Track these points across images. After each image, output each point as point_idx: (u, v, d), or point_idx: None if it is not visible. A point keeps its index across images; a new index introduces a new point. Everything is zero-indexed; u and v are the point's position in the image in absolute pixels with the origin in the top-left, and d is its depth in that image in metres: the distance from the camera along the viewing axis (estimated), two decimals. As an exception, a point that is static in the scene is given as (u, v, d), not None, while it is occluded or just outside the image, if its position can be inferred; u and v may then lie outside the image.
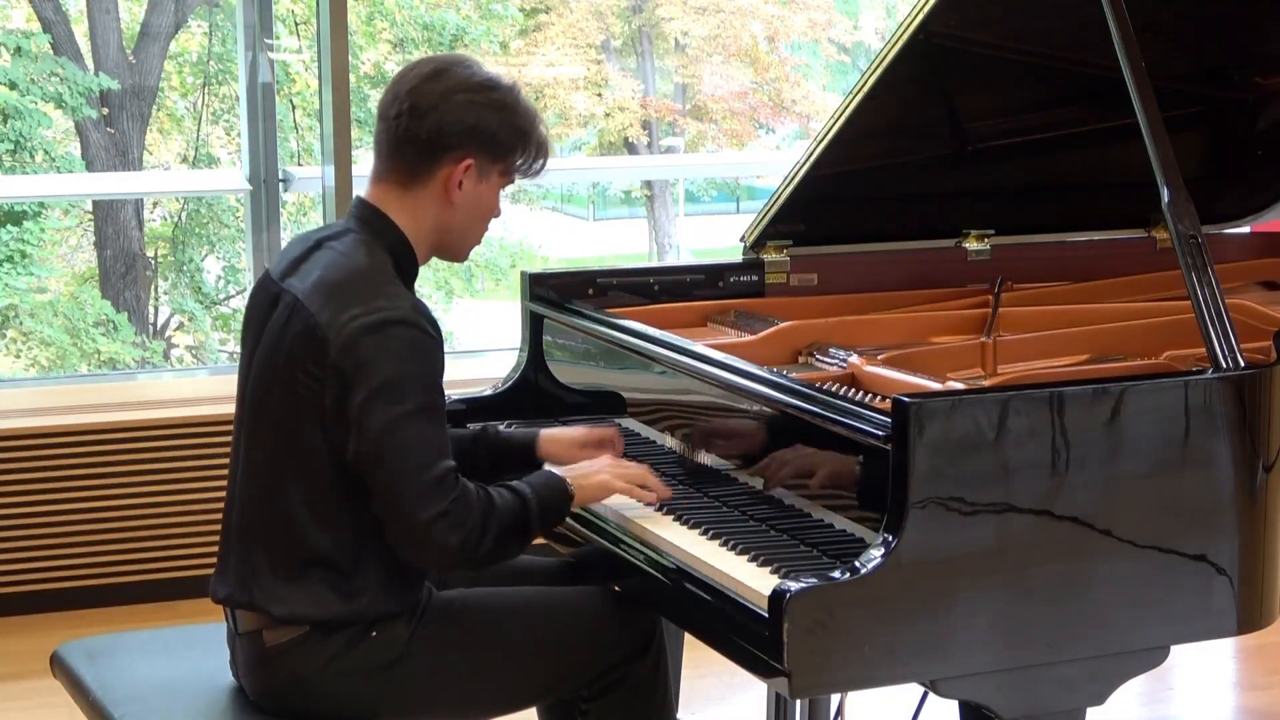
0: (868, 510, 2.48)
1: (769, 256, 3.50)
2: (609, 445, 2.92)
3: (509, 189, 2.79)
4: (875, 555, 2.35)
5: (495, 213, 2.73)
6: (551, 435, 2.95)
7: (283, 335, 2.58)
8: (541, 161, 2.72)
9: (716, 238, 12.51)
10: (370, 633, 2.59)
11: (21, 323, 9.92)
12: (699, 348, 2.93)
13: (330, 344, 2.51)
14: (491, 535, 2.54)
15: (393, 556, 2.60)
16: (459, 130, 2.61)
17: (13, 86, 9.37)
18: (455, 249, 2.73)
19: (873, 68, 3.29)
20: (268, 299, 2.66)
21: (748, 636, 2.39)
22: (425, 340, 2.54)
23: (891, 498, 2.37)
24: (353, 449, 2.51)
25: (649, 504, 2.75)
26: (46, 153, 9.55)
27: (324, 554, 2.58)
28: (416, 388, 2.51)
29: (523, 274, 3.36)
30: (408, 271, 2.66)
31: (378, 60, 10.79)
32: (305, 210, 10.08)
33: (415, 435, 2.49)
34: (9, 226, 9.54)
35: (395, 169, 2.65)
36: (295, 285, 2.61)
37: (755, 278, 3.49)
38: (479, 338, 10.70)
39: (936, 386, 2.73)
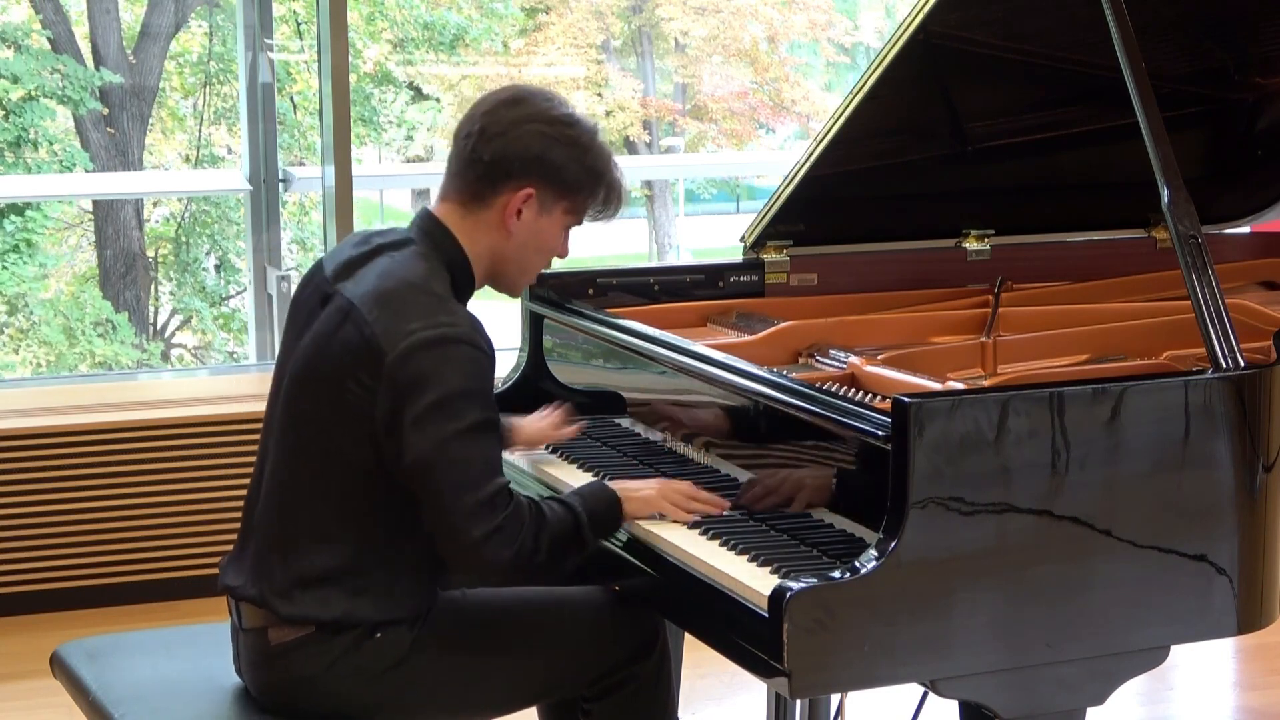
0: (868, 510, 2.48)
1: (769, 256, 3.50)
2: (567, 416, 3.02)
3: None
4: (875, 555, 2.35)
5: (559, 250, 2.72)
6: (518, 425, 3.01)
7: (332, 339, 2.56)
8: (614, 206, 2.71)
9: (716, 238, 12.50)
10: (375, 635, 2.59)
11: (31, 312, 9.92)
12: (699, 348, 2.93)
13: (387, 356, 2.49)
14: (544, 548, 2.55)
15: (406, 564, 2.60)
16: (523, 159, 2.60)
17: (15, 80, 9.37)
18: (509, 281, 2.72)
19: (873, 68, 3.29)
20: (318, 296, 2.64)
21: (748, 636, 2.39)
22: (481, 358, 2.53)
23: (891, 498, 2.37)
24: (405, 462, 2.50)
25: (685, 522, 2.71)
26: (50, 144, 9.55)
27: (342, 561, 2.57)
28: (472, 405, 2.50)
29: (523, 274, 3.36)
30: (464, 290, 2.65)
31: (379, 59, 10.80)
32: (305, 210, 10.08)
33: (470, 452, 2.49)
34: (12, 217, 9.54)
35: (459, 189, 2.65)
36: (350, 289, 2.58)
37: (755, 278, 3.49)
38: (478, 338, 10.66)
39: (936, 386, 2.73)
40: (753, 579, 2.45)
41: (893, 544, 2.35)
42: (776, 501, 2.67)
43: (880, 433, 2.41)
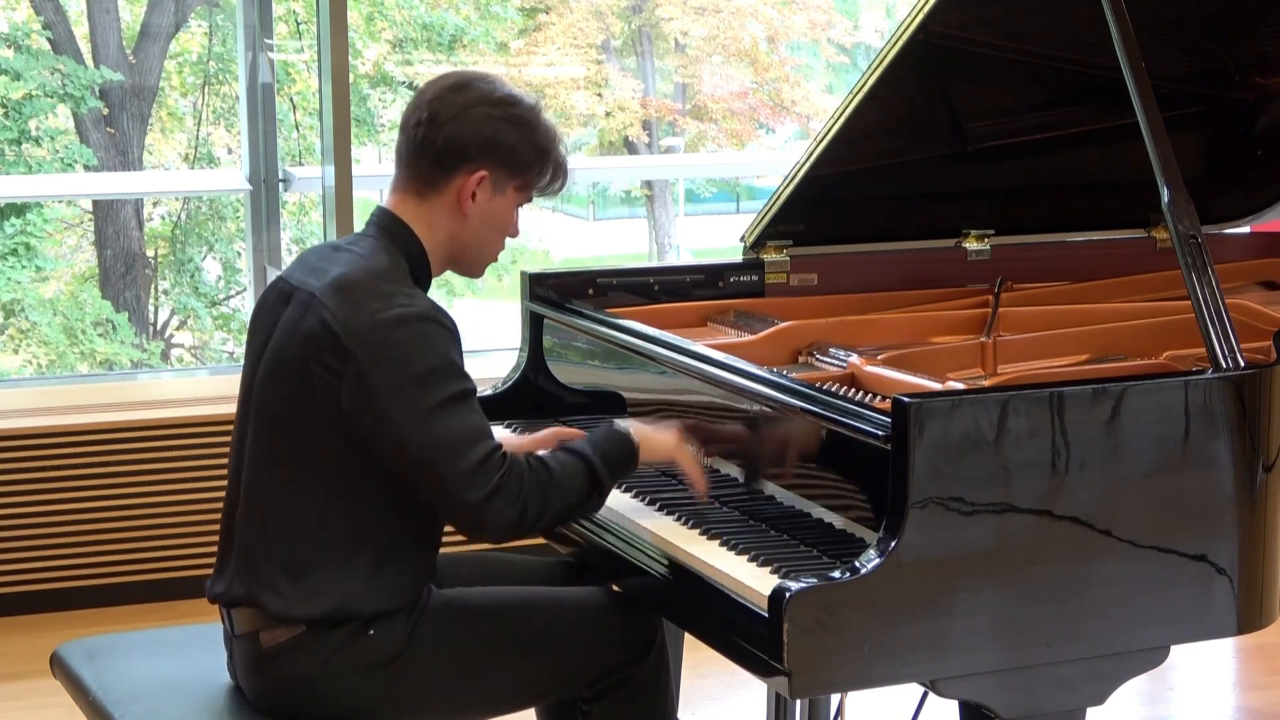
0: (868, 510, 2.48)
1: (769, 256, 3.50)
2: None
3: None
4: (875, 555, 2.35)
5: (511, 230, 2.74)
6: (513, 441, 2.99)
7: (295, 330, 2.58)
8: (560, 181, 2.74)
9: (716, 238, 12.50)
10: (368, 630, 2.59)
11: (27, 315, 9.92)
12: (699, 348, 2.93)
13: (348, 338, 2.51)
14: (555, 502, 2.56)
15: (392, 553, 2.60)
16: (475, 142, 2.63)
17: (16, 78, 9.37)
18: (469, 263, 2.74)
19: (873, 68, 3.29)
20: (279, 299, 2.66)
21: (748, 636, 2.39)
22: (444, 334, 2.55)
23: (891, 497, 2.37)
24: (388, 446, 2.51)
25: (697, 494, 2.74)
26: (52, 139, 9.54)
27: (326, 551, 2.58)
28: (444, 377, 2.52)
29: (523, 274, 3.36)
30: (422, 280, 2.67)
31: (378, 59, 10.79)
32: (305, 210, 10.07)
33: (451, 422, 2.51)
34: (12, 219, 9.53)
35: (412, 179, 2.68)
36: (311, 283, 2.61)
37: (755, 278, 3.49)
38: (479, 338, 10.69)
39: (936, 386, 2.73)
40: (753, 579, 2.45)
41: (893, 544, 2.35)
42: (775, 466, 2.67)
43: (880, 433, 2.41)
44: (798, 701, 3.01)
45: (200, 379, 5.40)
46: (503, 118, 2.65)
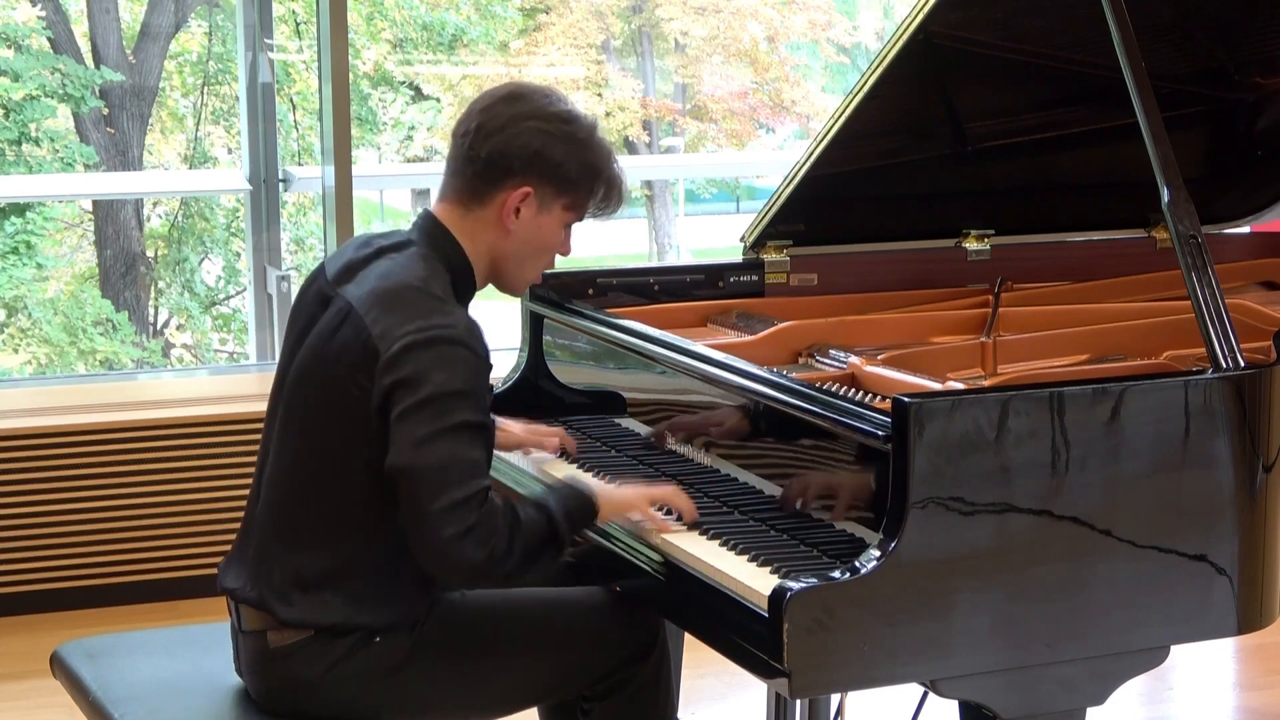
0: (867, 510, 2.48)
1: (769, 256, 3.50)
2: (551, 439, 3.02)
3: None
4: (875, 555, 2.35)
5: (560, 249, 2.69)
6: (504, 427, 3.00)
7: (331, 340, 2.55)
8: (615, 202, 2.68)
9: (716, 238, 12.51)
10: (374, 639, 2.58)
11: (30, 313, 9.93)
12: (699, 348, 2.93)
13: (381, 355, 2.48)
14: (517, 551, 2.52)
15: (405, 569, 2.59)
16: (521, 156, 2.57)
17: (16, 78, 9.38)
18: (510, 280, 2.70)
19: (873, 68, 3.29)
20: (319, 299, 2.63)
21: (748, 636, 2.39)
22: (474, 360, 2.50)
23: (891, 498, 2.37)
24: (390, 459, 2.49)
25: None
26: (52, 141, 9.54)
27: (341, 563, 2.57)
28: (460, 405, 2.47)
29: (523, 274, 3.36)
30: (464, 292, 2.63)
31: (378, 60, 10.80)
32: (305, 210, 10.08)
33: (452, 452, 2.47)
34: (13, 218, 9.54)
35: (457, 188, 2.62)
36: (351, 292, 2.57)
37: (755, 278, 3.49)
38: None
39: (936, 386, 2.73)
40: (753, 579, 2.45)
41: (893, 544, 2.35)
42: (807, 503, 2.66)
43: (880, 433, 2.41)
44: (798, 701, 3.01)
45: (200, 379, 5.40)
46: (552, 133, 2.58)
